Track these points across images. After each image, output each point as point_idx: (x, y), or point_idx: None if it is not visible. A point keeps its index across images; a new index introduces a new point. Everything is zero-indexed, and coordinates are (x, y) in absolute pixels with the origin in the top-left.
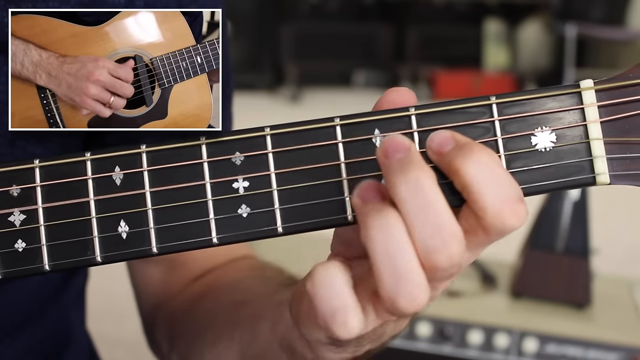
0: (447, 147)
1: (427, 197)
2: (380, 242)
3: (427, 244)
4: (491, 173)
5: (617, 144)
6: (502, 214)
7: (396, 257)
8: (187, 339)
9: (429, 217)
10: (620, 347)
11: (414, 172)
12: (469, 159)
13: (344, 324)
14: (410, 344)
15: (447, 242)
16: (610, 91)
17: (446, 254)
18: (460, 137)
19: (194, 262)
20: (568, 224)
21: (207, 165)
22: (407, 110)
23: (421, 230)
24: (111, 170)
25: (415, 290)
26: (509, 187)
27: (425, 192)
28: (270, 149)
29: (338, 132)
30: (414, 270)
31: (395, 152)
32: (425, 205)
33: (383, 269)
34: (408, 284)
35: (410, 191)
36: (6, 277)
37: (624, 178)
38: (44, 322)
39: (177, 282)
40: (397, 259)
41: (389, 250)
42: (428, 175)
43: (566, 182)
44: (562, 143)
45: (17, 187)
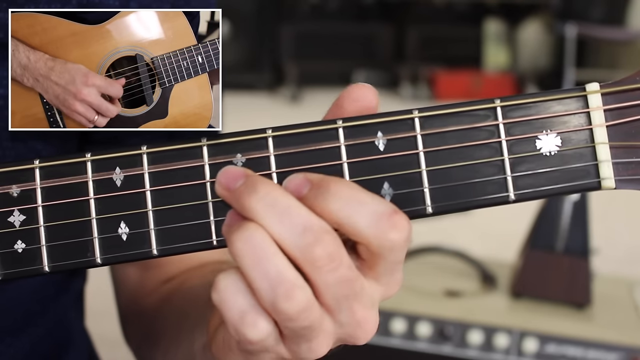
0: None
1: (285, 203)
2: (246, 252)
3: (299, 243)
4: (354, 201)
5: (623, 148)
6: (382, 232)
7: (265, 263)
8: (147, 342)
9: (294, 220)
10: (620, 347)
11: (262, 188)
12: (328, 197)
13: (254, 324)
14: (410, 344)
15: (319, 235)
16: (616, 95)
17: (322, 246)
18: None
19: (168, 264)
20: (568, 224)
21: (208, 167)
22: (410, 113)
23: (291, 233)
24: (111, 171)
25: (291, 288)
26: (377, 205)
27: (281, 200)
28: (271, 150)
29: (341, 134)
30: (286, 270)
31: (235, 182)
32: (286, 210)
33: (256, 277)
34: (283, 285)
35: (267, 204)
36: (6, 278)
37: (629, 183)
38: (45, 322)
39: (150, 283)
40: (266, 264)
41: (255, 257)
42: (275, 186)
43: (571, 187)
44: (567, 147)
45: (17, 187)
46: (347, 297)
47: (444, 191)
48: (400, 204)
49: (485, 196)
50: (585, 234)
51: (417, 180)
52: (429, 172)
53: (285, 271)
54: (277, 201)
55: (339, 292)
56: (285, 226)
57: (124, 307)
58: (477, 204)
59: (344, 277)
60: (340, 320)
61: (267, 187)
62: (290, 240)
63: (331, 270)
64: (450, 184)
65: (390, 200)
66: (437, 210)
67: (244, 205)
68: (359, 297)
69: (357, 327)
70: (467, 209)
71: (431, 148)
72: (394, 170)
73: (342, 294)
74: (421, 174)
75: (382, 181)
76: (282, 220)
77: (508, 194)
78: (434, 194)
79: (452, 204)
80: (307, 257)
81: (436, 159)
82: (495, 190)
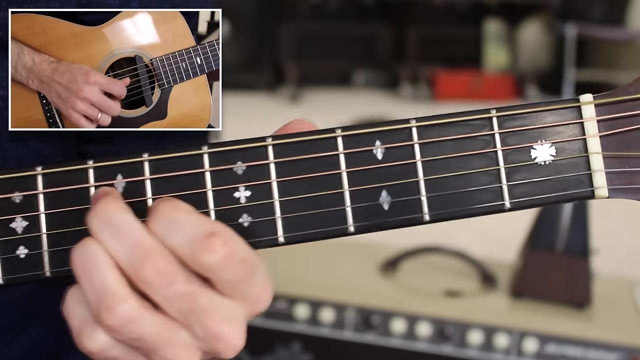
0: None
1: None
2: (77, 263)
3: (129, 259)
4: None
5: (616, 158)
6: (196, 254)
7: (91, 273)
8: None
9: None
10: (620, 347)
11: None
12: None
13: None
14: (410, 344)
15: (148, 252)
16: (609, 106)
17: (150, 263)
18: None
19: None
20: (568, 224)
21: (209, 175)
22: (408, 122)
23: (122, 249)
24: (113, 179)
25: (112, 301)
26: (194, 226)
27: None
28: (272, 159)
29: (339, 143)
30: (109, 282)
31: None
32: (118, 227)
33: (85, 287)
34: (104, 297)
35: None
36: (8, 284)
37: (622, 192)
38: (45, 321)
39: None
40: (92, 275)
41: (84, 268)
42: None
43: (565, 195)
44: (561, 157)
45: (19, 193)
46: (192, 311)
47: (441, 199)
48: (398, 211)
49: (482, 204)
50: (585, 234)
51: (414, 188)
52: (426, 180)
53: (109, 283)
54: (111, 218)
55: (180, 307)
56: (117, 243)
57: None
58: (473, 212)
59: (181, 293)
60: (197, 334)
61: (104, 205)
62: (122, 256)
63: (164, 286)
64: (447, 192)
65: (388, 208)
66: (434, 218)
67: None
68: (207, 312)
69: (215, 341)
70: (464, 217)
71: (428, 157)
72: (391, 179)
73: (185, 308)
74: (418, 183)
75: (380, 190)
76: (114, 236)
77: (504, 203)
78: (431, 202)
79: (448, 212)
80: (137, 274)
81: (433, 167)
82: (491, 199)
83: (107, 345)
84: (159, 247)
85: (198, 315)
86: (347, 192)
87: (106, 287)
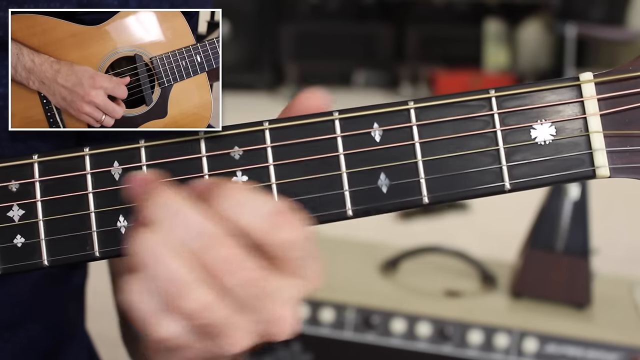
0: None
1: (178, 208)
2: (140, 255)
3: (193, 248)
4: (241, 200)
5: (617, 137)
6: (270, 230)
7: (156, 264)
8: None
9: (187, 225)
10: (620, 347)
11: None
12: (218, 200)
13: (158, 324)
14: (410, 344)
15: (212, 240)
16: (609, 84)
17: (214, 251)
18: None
19: None
20: (568, 224)
21: (206, 160)
22: (406, 104)
23: (185, 238)
24: (110, 165)
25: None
26: (265, 204)
27: (174, 205)
28: (269, 143)
29: (337, 125)
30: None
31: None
32: (179, 215)
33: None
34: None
35: (161, 209)
36: (5, 273)
37: (623, 171)
38: (43, 317)
39: None
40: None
41: (148, 261)
42: (170, 192)
43: (566, 175)
44: (561, 136)
45: (15, 182)
46: (257, 297)
47: (440, 181)
48: (397, 194)
49: (481, 186)
50: (585, 234)
51: (413, 170)
52: (424, 162)
53: (176, 273)
54: (169, 207)
55: (246, 293)
56: (179, 231)
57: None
58: (472, 193)
59: (247, 279)
60: (255, 319)
61: (160, 193)
62: (184, 244)
63: (229, 273)
64: (446, 174)
65: (387, 191)
66: (433, 200)
67: (143, 211)
68: (272, 296)
69: (274, 324)
70: (463, 199)
71: (427, 139)
72: (390, 161)
73: (250, 294)
74: (417, 165)
75: (378, 172)
76: (175, 225)
77: (504, 183)
78: (430, 184)
79: (448, 193)
80: (201, 261)
81: (432, 149)
82: (490, 180)
83: (176, 332)
84: (222, 234)
85: (262, 299)
86: (345, 175)
87: (174, 277)
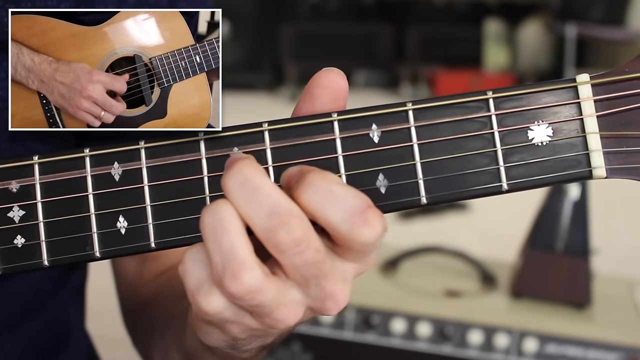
0: (293, 180)
1: (255, 184)
2: (207, 224)
3: (265, 225)
4: (328, 193)
5: (614, 138)
6: (354, 228)
7: (221, 236)
8: (144, 330)
9: (261, 201)
10: (620, 347)
11: (237, 167)
12: (304, 187)
13: (208, 297)
14: (410, 344)
15: (285, 219)
16: (606, 85)
17: (286, 230)
18: (303, 167)
19: (165, 255)
20: (568, 224)
21: (205, 161)
22: (404, 105)
23: (258, 214)
24: (110, 166)
25: (238, 267)
26: (352, 199)
27: (252, 181)
28: (268, 144)
29: (336, 127)
30: (238, 249)
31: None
32: (255, 191)
33: (211, 249)
34: (232, 262)
35: (237, 182)
36: (6, 273)
37: (620, 171)
38: (43, 317)
39: (148, 274)
40: (222, 238)
41: (215, 230)
42: (252, 168)
43: (563, 176)
44: (558, 137)
45: (16, 183)
46: (315, 276)
47: (438, 182)
48: (395, 195)
49: (479, 186)
50: (585, 234)
51: (411, 171)
52: (422, 163)
53: (238, 248)
54: (248, 181)
55: (307, 272)
56: (252, 207)
57: (124, 300)
58: (470, 194)
59: (311, 260)
60: (310, 294)
61: (241, 168)
62: (257, 221)
63: (297, 254)
64: (444, 174)
65: (385, 191)
66: (431, 201)
67: (222, 185)
68: (328, 275)
69: (327, 300)
70: (461, 199)
71: (425, 140)
72: (388, 162)
73: (310, 273)
74: (415, 166)
75: (377, 173)
76: (250, 200)
77: (501, 184)
78: (428, 185)
79: (446, 194)
80: (271, 240)
81: (430, 150)
82: (488, 181)
83: (223, 307)
84: (296, 214)
85: (319, 278)
86: (344, 176)
87: (234, 253)
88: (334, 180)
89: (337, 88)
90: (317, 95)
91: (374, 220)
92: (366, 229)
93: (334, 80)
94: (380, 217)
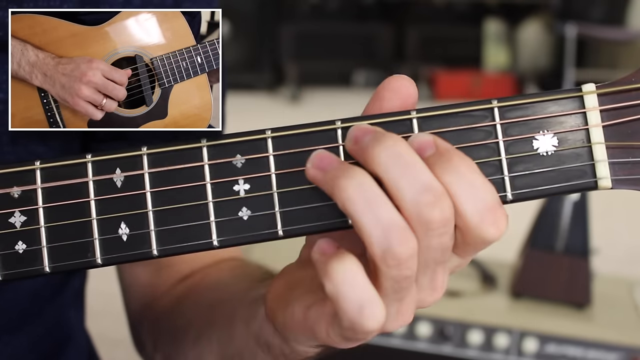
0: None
1: (408, 158)
2: (359, 198)
3: (419, 200)
4: (469, 183)
5: (619, 149)
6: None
7: (378, 208)
8: (170, 340)
9: (416, 176)
10: (620, 347)
11: (389, 140)
12: (448, 168)
13: (373, 316)
14: (410, 344)
15: (438, 197)
16: (612, 95)
17: (439, 209)
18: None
19: (180, 263)
20: (568, 224)
21: (207, 168)
22: (408, 114)
23: (411, 189)
24: (112, 172)
25: (404, 233)
26: (487, 194)
27: (405, 154)
28: (271, 151)
29: (339, 135)
30: (397, 216)
31: (364, 136)
32: (409, 165)
33: (369, 223)
34: (395, 229)
35: (391, 156)
36: (6, 279)
37: (626, 183)
38: (42, 321)
39: (164, 284)
40: (380, 209)
41: (370, 203)
42: (403, 142)
43: (568, 187)
44: (563, 147)
45: (17, 188)
46: (437, 261)
47: None
48: None
49: None
50: (585, 234)
51: None
52: None
53: (396, 217)
54: (402, 155)
55: (434, 256)
56: (406, 181)
57: (136, 311)
58: None
59: (445, 245)
60: (420, 283)
61: (394, 140)
62: (409, 196)
63: (438, 235)
64: None
65: None
66: None
67: (369, 155)
68: (444, 264)
69: (433, 291)
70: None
71: None
72: None
73: (435, 258)
74: None
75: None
76: (404, 174)
77: (506, 194)
78: None
79: None
80: (422, 217)
81: None
82: None
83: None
84: (446, 195)
85: (438, 265)
86: None
87: (395, 220)
88: (476, 169)
89: (406, 93)
90: (386, 98)
91: (501, 220)
92: (493, 227)
93: (404, 86)
94: (506, 218)
